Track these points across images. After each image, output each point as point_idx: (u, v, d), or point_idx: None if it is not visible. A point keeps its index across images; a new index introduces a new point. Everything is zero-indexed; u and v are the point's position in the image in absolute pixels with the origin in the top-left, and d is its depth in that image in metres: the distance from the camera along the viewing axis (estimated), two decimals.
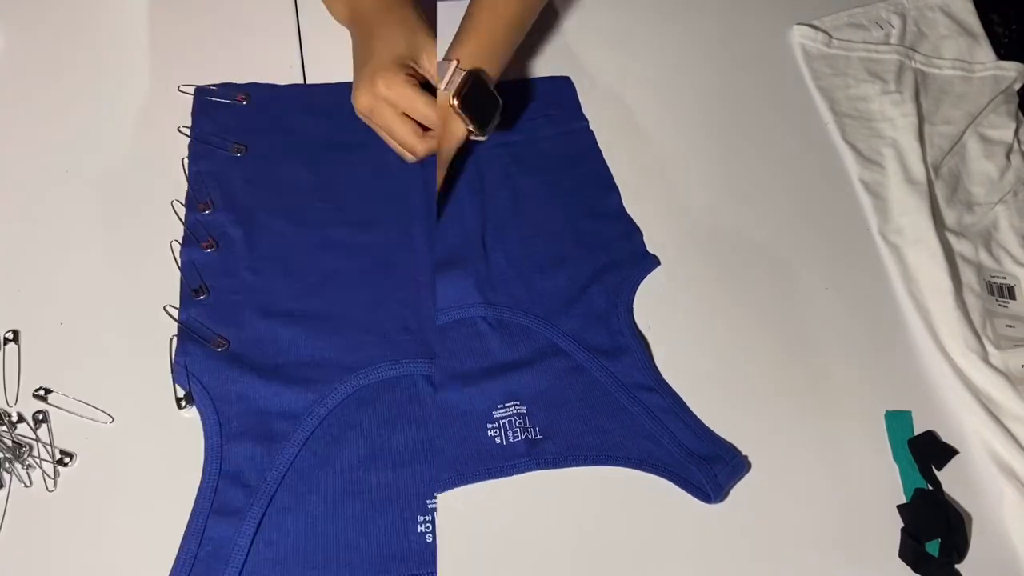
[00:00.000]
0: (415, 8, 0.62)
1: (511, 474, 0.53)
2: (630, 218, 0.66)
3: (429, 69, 0.60)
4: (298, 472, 0.51)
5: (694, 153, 0.72)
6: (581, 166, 0.68)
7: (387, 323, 0.57)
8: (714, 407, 0.58)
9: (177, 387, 0.53)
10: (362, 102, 0.58)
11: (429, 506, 0.51)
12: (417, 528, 0.50)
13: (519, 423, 0.54)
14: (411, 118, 0.58)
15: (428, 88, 0.59)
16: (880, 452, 0.58)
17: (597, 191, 0.67)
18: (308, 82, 0.68)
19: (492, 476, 0.53)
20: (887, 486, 0.56)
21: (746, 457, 0.56)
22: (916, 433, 0.58)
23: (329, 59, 0.68)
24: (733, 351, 0.61)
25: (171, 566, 0.47)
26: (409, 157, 0.60)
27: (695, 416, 0.57)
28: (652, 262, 0.64)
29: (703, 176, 0.70)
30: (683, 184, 0.70)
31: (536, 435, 0.54)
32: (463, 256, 0.61)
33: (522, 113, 0.71)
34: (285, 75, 0.68)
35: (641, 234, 0.65)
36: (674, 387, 0.58)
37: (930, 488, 0.56)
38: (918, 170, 0.71)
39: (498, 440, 0.54)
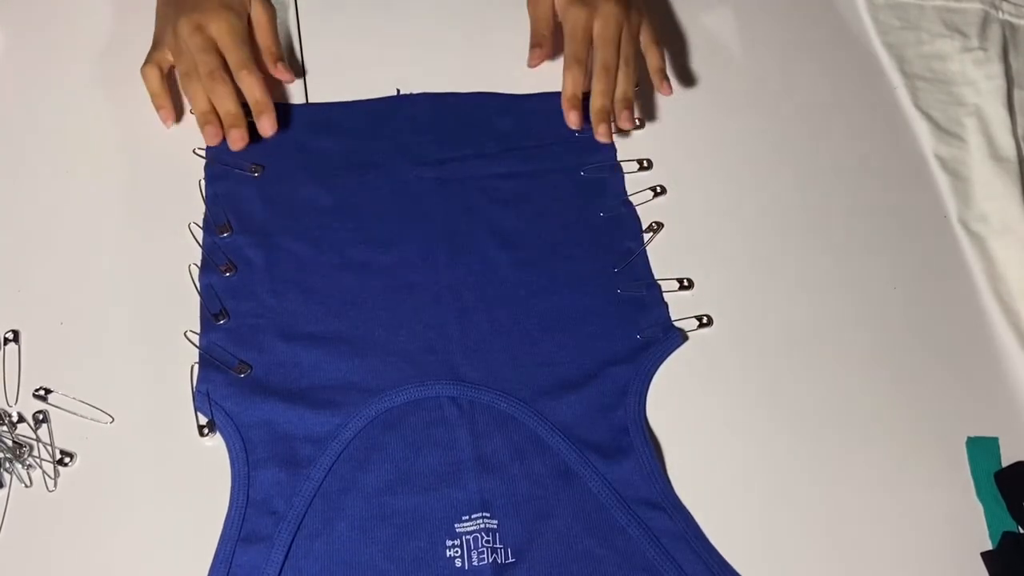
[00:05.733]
0: None
1: None
2: (655, 281, 0.59)
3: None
4: (325, 497, 0.51)
5: (732, 131, 0.67)
6: (600, 208, 0.62)
7: (410, 344, 0.56)
8: (739, 528, 0.51)
9: (199, 415, 0.53)
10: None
11: (457, 530, 0.50)
12: (446, 553, 0.49)
13: (486, 541, 0.49)
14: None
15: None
16: (960, 488, 0.54)
17: (617, 241, 0.61)
18: (310, 101, 0.68)
19: None
20: (969, 529, 0.52)
21: None
22: (1004, 464, 0.54)
23: (332, 78, 0.68)
24: (770, 444, 0.54)
25: None
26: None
27: (711, 545, 0.50)
28: (676, 338, 0.57)
29: (743, 157, 0.66)
30: (722, 168, 0.65)
31: (507, 558, 0.49)
32: (431, 314, 0.57)
33: (532, 135, 0.65)
34: (286, 96, 0.67)
35: (666, 305, 0.58)
36: (689, 505, 0.51)
37: (1021, 531, 0.52)
38: (1006, 144, 0.66)
39: (459, 563, 0.49)
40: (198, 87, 0.61)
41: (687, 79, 0.70)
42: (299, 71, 0.68)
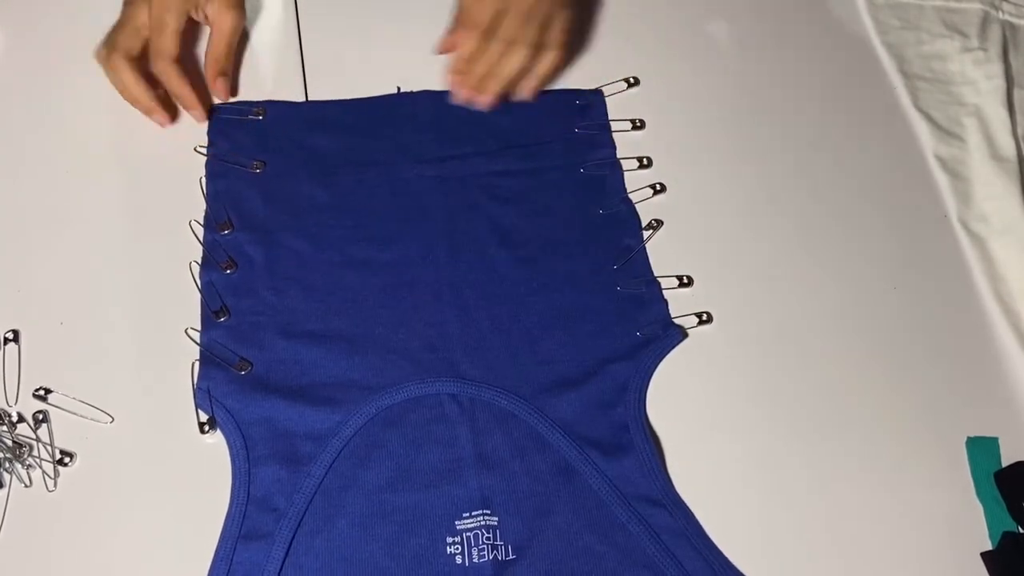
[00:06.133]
0: None
1: None
2: (655, 279, 0.59)
3: None
4: (326, 494, 0.50)
5: (732, 129, 0.67)
6: (600, 206, 0.62)
7: (411, 342, 0.56)
8: (739, 525, 0.51)
9: (199, 412, 0.53)
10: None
11: (458, 527, 0.50)
12: (447, 550, 0.49)
13: (487, 538, 0.49)
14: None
15: None
16: (960, 488, 0.53)
17: (617, 239, 0.61)
18: (309, 99, 0.67)
19: None
20: (969, 529, 0.52)
21: None
22: (1004, 464, 0.54)
23: (331, 76, 0.68)
24: (769, 441, 0.54)
25: None
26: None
27: (711, 542, 0.50)
28: (675, 335, 0.57)
29: (743, 156, 0.66)
30: (722, 169, 0.65)
31: (507, 555, 0.49)
32: (431, 312, 0.57)
33: (532, 133, 0.65)
34: (285, 95, 0.67)
35: (666, 302, 0.58)
36: (689, 501, 0.51)
37: (1021, 531, 0.52)
38: (1006, 144, 0.66)
39: (459, 559, 0.49)
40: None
41: (687, 78, 0.70)
42: (235, 86, 0.67)
